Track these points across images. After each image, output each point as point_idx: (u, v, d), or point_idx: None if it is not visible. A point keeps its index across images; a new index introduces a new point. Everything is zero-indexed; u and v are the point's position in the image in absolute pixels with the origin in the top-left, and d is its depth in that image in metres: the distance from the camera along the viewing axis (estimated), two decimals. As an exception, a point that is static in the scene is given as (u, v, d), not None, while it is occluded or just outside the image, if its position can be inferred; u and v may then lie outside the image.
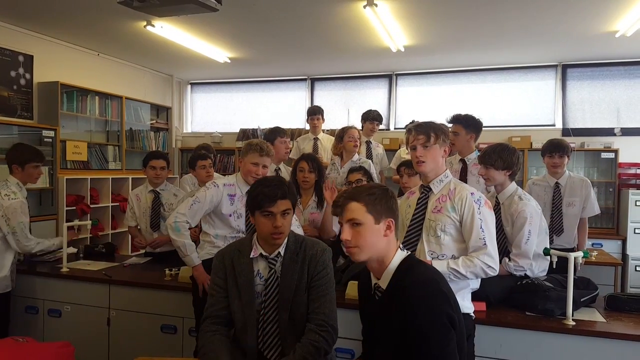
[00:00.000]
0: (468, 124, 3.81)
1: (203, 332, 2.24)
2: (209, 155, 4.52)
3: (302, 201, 3.79)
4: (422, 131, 2.54)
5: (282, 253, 2.27)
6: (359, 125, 5.40)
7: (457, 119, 3.82)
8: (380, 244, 1.83)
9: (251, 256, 2.27)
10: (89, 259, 4.25)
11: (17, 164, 3.66)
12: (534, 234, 3.00)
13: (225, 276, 2.27)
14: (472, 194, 2.51)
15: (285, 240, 2.29)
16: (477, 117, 3.88)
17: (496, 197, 3.21)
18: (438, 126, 2.60)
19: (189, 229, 3.09)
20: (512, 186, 3.17)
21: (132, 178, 6.71)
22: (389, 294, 1.81)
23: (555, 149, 4.00)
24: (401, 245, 1.94)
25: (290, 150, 4.29)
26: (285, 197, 2.23)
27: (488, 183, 3.22)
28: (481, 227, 2.45)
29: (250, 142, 3.16)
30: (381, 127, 7.39)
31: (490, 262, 2.44)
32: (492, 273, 2.47)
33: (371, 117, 5.39)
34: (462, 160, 3.89)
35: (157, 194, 4.24)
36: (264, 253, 2.27)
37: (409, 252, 1.93)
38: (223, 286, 2.27)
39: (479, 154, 3.95)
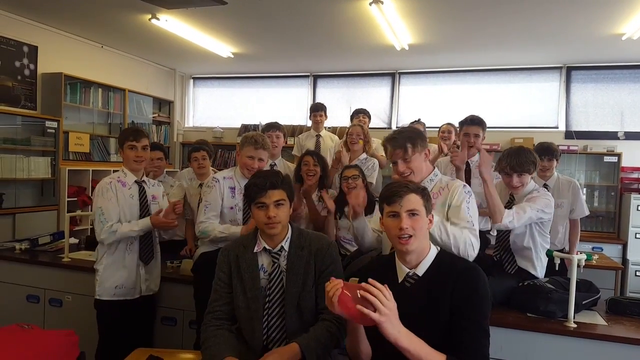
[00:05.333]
0: (485, 126, 3.78)
1: (206, 327, 2.22)
2: (204, 147, 4.28)
3: None
4: (398, 145, 2.42)
5: (285, 247, 2.26)
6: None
7: (479, 122, 3.74)
8: (427, 235, 1.98)
9: (255, 250, 2.25)
10: (91, 250, 4.22)
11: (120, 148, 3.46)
12: (541, 215, 2.99)
13: (229, 272, 2.25)
14: (464, 185, 2.45)
15: (289, 234, 2.28)
16: None
17: (510, 195, 3.23)
18: (413, 132, 2.50)
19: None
20: (532, 184, 3.18)
21: (133, 171, 6.68)
22: (429, 277, 1.93)
23: (544, 152, 3.98)
24: None
25: (278, 146, 4.22)
26: (276, 187, 2.19)
27: (520, 190, 3.14)
28: (468, 213, 2.35)
29: (246, 135, 3.13)
30: (383, 125, 7.45)
31: (474, 242, 2.31)
32: (471, 253, 2.31)
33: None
34: (466, 162, 3.83)
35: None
36: (267, 247, 2.25)
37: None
38: (227, 282, 2.26)
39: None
